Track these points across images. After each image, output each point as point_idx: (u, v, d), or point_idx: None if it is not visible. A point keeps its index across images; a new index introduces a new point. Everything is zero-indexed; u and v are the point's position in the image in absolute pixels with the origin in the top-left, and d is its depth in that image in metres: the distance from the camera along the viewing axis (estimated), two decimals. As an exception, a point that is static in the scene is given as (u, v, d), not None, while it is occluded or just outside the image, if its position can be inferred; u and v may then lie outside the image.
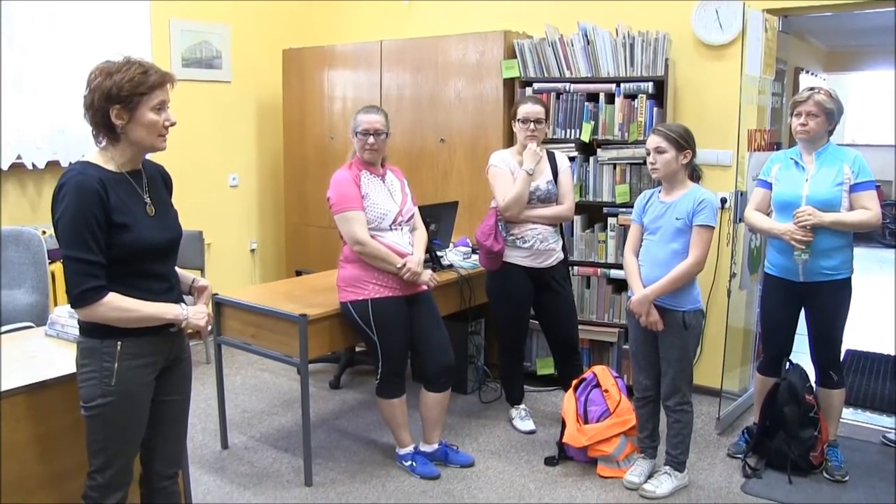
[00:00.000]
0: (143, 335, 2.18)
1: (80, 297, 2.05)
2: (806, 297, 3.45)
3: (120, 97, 2.07)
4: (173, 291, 2.30)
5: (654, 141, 3.21)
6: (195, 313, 2.28)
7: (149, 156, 2.29)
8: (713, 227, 3.18)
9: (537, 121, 3.76)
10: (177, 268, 2.38)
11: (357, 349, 4.65)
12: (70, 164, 2.19)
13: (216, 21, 5.47)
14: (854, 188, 3.31)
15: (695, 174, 3.30)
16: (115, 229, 2.09)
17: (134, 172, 2.21)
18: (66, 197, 2.04)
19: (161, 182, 2.35)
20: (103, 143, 2.16)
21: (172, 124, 2.20)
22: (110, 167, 2.15)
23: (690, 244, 3.17)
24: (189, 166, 5.36)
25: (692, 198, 3.18)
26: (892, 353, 5.33)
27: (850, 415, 4.18)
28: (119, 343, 2.14)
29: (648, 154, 3.24)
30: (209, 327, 2.35)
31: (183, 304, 2.27)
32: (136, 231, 2.13)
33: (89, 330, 2.15)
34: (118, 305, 2.09)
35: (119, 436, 2.20)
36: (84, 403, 2.16)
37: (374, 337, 3.39)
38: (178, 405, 2.41)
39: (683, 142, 3.18)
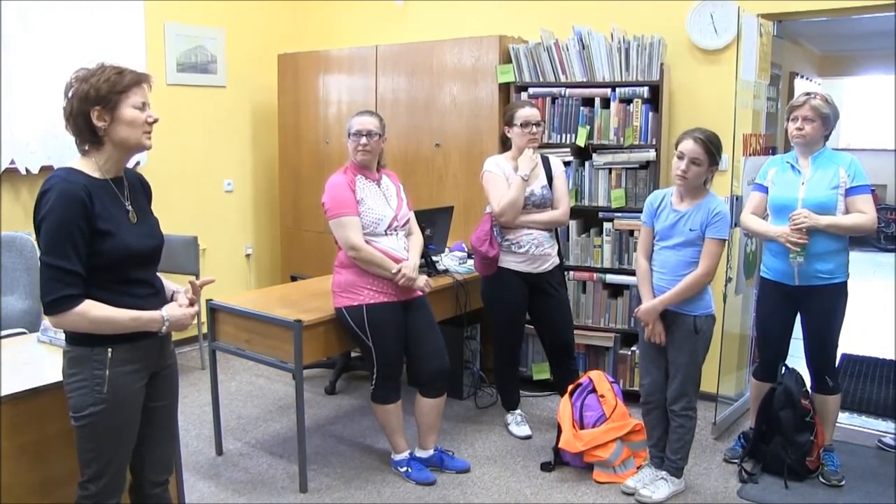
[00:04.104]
0: (133, 340, 2.16)
1: (51, 305, 2.04)
2: (801, 302, 3.44)
3: (98, 98, 2.08)
4: (158, 296, 2.28)
5: (693, 150, 3.10)
6: (178, 315, 2.22)
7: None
8: (725, 240, 3.17)
9: (537, 124, 3.77)
10: (160, 275, 2.36)
11: (352, 354, 4.63)
12: (54, 169, 2.18)
13: (211, 25, 5.47)
14: (849, 192, 3.31)
15: (706, 181, 3.27)
16: (100, 236, 2.07)
17: (116, 180, 2.20)
18: (51, 203, 2.02)
19: (141, 190, 2.33)
20: (86, 150, 2.16)
21: (155, 120, 2.21)
22: (95, 174, 2.14)
23: (702, 255, 3.16)
24: (184, 171, 5.36)
25: (706, 209, 3.14)
26: (887, 358, 5.33)
27: (845, 419, 4.18)
28: (109, 350, 2.12)
29: (681, 158, 3.13)
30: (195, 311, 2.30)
31: (164, 308, 2.23)
32: (119, 238, 2.11)
33: (77, 338, 2.13)
34: (91, 316, 2.06)
35: (112, 444, 2.18)
36: (74, 413, 2.14)
37: (368, 342, 3.38)
38: (167, 411, 2.39)
39: (718, 156, 3.15)
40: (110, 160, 2.17)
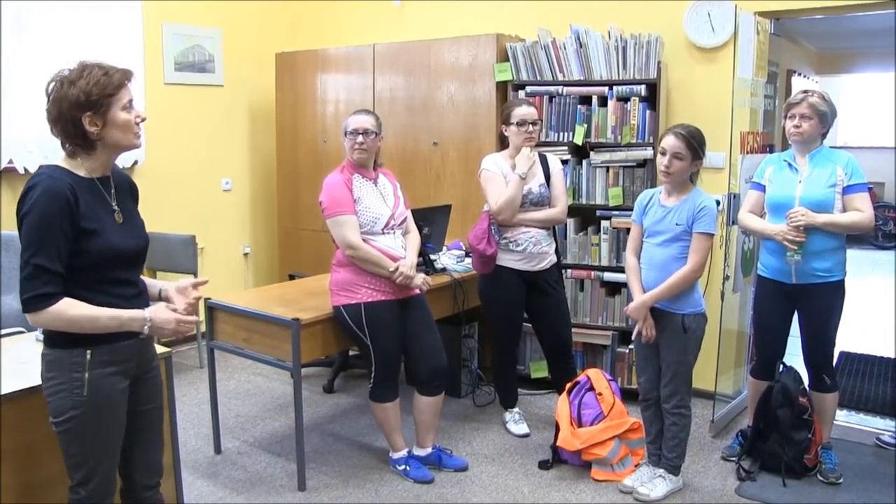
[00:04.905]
0: (113, 342, 2.11)
1: (28, 302, 2.00)
2: (799, 300, 3.45)
3: (90, 103, 2.03)
4: (141, 297, 2.23)
5: (675, 145, 3.13)
6: (162, 318, 2.15)
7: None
8: (713, 235, 3.17)
9: (534, 122, 3.77)
10: (144, 277, 2.32)
11: (350, 353, 4.64)
12: (39, 167, 2.13)
13: (208, 25, 5.46)
14: (847, 190, 3.31)
15: (693, 176, 3.28)
16: (84, 235, 2.04)
17: (103, 179, 2.16)
18: (34, 199, 1.99)
19: (128, 191, 2.28)
20: (73, 152, 2.10)
21: (143, 119, 2.16)
22: (80, 172, 2.10)
23: (690, 250, 3.16)
24: (182, 171, 5.36)
25: (693, 204, 3.15)
26: (885, 356, 5.34)
27: (843, 417, 4.18)
28: (88, 352, 2.07)
29: (664, 154, 3.16)
30: (193, 320, 2.21)
31: (149, 308, 2.17)
32: (104, 237, 2.08)
33: (55, 340, 2.08)
34: (69, 315, 2.01)
35: (97, 447, 2.13)
36: (54, 418, 2.09)
37: (367, 341, 3.38)
38: (153, 414, 2.34)
39: (701, 151, 3.16)
40: (98, 161, 2.13)
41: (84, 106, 2.03)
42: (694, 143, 3.13)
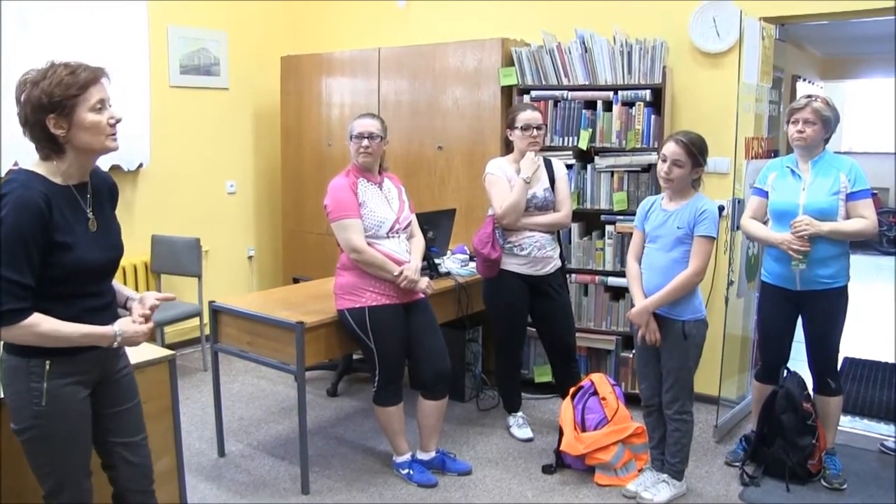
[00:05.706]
0: (74, 354, 2.04)
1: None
2: (803, 306, 3.45)
3: (52, 104, 1.94)
4: (109, 309, 2.16)
5: (675, 152, 3.13)
6: (132, 331, 2.10)
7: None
8: (714, 238, 3.16)
9: (538, 127, 3.78)
10: (114, 283, 2.26)
11: (354, 356, 4.64)
12: (15, 171, 2.04)
13: (213, 28, 5.48)
14: (850, 197, 3.31)
15: (695, 182, 3.28)
16: (56, 248, 1.96)
17: (80, 185, 2.08)
18: (6, 210, 1.90)
19: (107, 195, 2.20)
20: (44, 154, 2.03)
21: (118, 121, 2.06)
22: (56, 179, 2.02)
23: (691, 254, 3.16)
24: (186, 173, 5.37)
25: (693, 207, 3.16)
26: (889, 361, 5.33)
27: (847, 422, 4.18)
28: (47, 362, 2.00)
29: (664, 161, 3.17)
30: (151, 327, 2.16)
31: (117, 322, 2.11)
32: (77, 251, 2.00)
33: (14, 348, 2.00)
34: (40, 330, 1.94)
35: (61, 457, 2.07)
36: (15, 427, 2.04)
37: (371, 344, 3.39)
38: (130, 413, 2.27)
39: (702, 158, 3.16)
40: (73, 165, 2.05)
41: (46, 108, 1.94)
42: (694, 150, 3.13)
